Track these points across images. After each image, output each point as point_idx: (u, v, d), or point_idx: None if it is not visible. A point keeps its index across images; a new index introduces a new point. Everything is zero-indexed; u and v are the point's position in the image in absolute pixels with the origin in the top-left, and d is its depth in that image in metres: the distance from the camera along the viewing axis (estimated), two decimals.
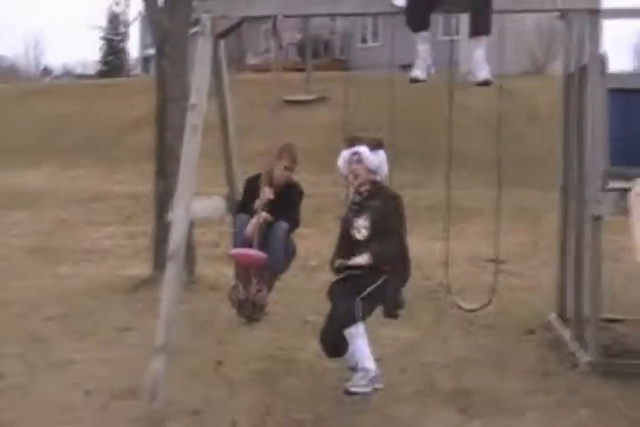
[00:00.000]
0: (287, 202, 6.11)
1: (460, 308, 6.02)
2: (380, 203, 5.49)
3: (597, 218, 6.24)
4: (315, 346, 6.58)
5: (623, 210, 6.07)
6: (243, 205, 6.22)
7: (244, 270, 5.81)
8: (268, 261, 5.69)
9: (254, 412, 5.20)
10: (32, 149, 21.94)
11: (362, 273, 5.34)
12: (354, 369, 5.27)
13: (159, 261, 8.55)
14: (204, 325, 7.35)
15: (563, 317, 7.48)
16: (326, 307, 5.37)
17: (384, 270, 5.37)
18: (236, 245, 5.99)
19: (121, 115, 24.59)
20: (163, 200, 8.80)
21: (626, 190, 6.09)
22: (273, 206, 5.94)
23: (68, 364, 6.18)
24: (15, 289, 8.75)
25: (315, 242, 6.24)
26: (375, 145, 5.65)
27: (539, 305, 8.27)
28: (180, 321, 6.26)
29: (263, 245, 5.78)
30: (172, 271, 5.63)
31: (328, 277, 5.80)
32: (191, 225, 7.62)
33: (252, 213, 5.95)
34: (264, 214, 5.85)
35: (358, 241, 5.49)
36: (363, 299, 5.21)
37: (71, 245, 11.61)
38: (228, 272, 9.16)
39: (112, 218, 14.20)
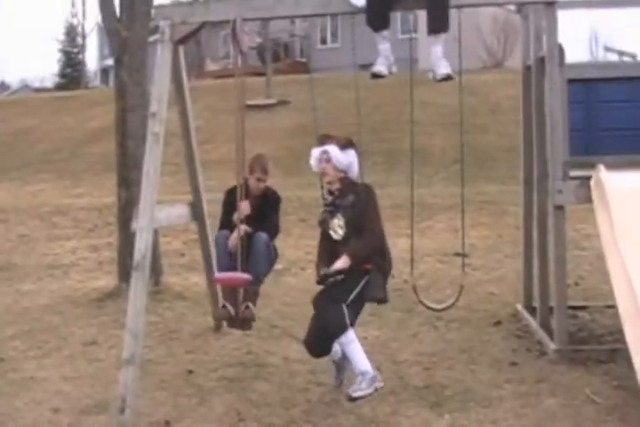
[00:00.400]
0: (265, 211, 6.12)
1: (428, 308, 6.02)
2: (352, 199, 5.43)
3: (559, 207, 6.30)
4: (283, 350, 6.62)
5: (584, 199, 6.15)
6: (223, 221, 6.21)
7: (231, 290, 5.84)
8: (252, 275, 5.71)
9: (226, 419, 5.17)
10: None
11: (344, 277, 5.27)
12: (337, 363, 5.51)
13: (124, 273, 8.51)
14: (172, 334, 7.30)
15: (529, 307, 7.55)
16: (293, 311, 5.38)
17: (366, 269, 5.32)
18: (219, 267, 6.00)
19: (80, 127, 24.47)
20: (126, 210, 8.75)
21: (587, 179, 6.17)
22: (252, 217, 5.95)
23: (34, 382, 6.07)
24: None
25: (279, 245, 6.21)
26: (345, 144, 5.61)
27: (505, 297, 8.34)
28: (147, 332, 6.23)
29: (245, 258, 5.80)
30: (138, 281, 5.58)
31: (294, 280, 5.80)
32: (156, 234, 7.61)
33: (231, 227, 5.96)
34: (244, 227, 5.85)
35: (337, 241, 5.45)
36: (348, 305, 5.20)
37: (34, 261, 11.49)
38: (196, 281, 9.19)
39: (74, 231, 14.08)
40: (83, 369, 6.37)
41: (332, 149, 5.50)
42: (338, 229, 5.44)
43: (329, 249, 5.52)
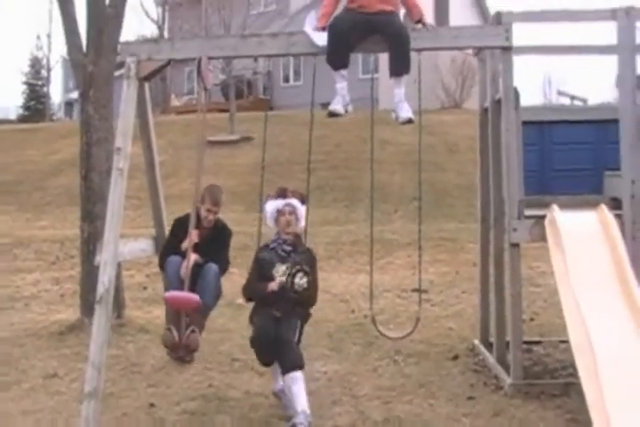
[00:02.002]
0: (216, 243, 6.14)
1: (385, 337, 6.12)
2: (305, 258, 5.86)
3: (515, 245, 6.42)
4: (244, 383, 6.60)
5: (539, 237, 6.27)
6: (170, 246, 6.19)
7: (176, 314, 5.79)
8: (200, 300, 5.69)
9: None
10: None
11: (284, 316, 5.67)
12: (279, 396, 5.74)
13: (86, 305, 8.45)
14: (134, 367, 7.24)
15: (486, 342, 7.60)
16: None
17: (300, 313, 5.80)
18: (168, 289, 5.96)
19: (43, 160, 24.31)
20: (89, 244, 8.73)
21: (541, 218, 6.29)
22: (202, 248, 5.95)
23: None
24: None
25: (240, 280, 6.23)
26: (302, 199, 6.00)
27: (463, 332, 8.40)
28: (109, 365, 6.19)
29: (193, 287, 5.78)
30: (100, 314, 5.58)
31: None
32: (119, 267, 7.58)
33: (182, 254, 5.95)
34: (194, 256, 5.86)
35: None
36: (299, 342, 5.64)
37: None
38: (158, 314, 9.13)
39: (36, 264, 13.94)
40: (43, 402, 6.27)
41: (295, 203, 5.93)
42: (282, 275, 5.74)
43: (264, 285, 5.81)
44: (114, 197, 5.86)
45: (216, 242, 6.15)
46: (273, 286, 5.68)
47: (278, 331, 5.54)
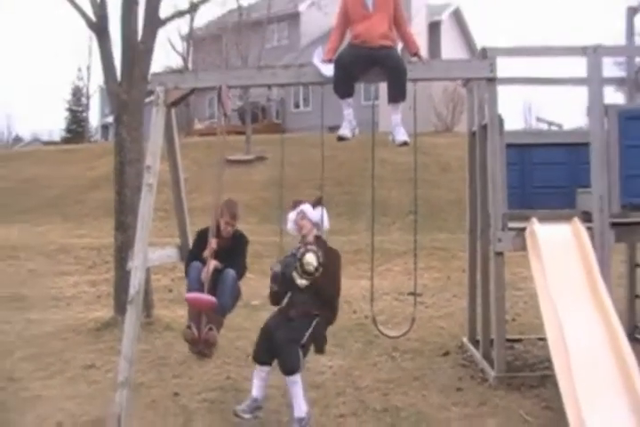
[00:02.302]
0: (234, 251, 6.14)
1: (384, 335, 6.11)
2: (322, 255, 5.54)
3: (499, 254, 6.43)
4: None
5: (520, 246, 6.28)
6: (193, 255, 6.22)
7: (197, 313, 5.79)
8: (218, 304, 5.70)
9: None
10: (5, 207, 21.59)
11: (298, 317, 5.42)
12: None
13: (119, 306, 8.49)
14: (161, 361, 7.27)
15: (473, 340, 7.60)
16: None
17: (314, 314, 5.47)
18: (190, 290, 5.98)
19: (83, 176, 24.39)
20: (122, 251, 8.76)
21: (522, 230, 6.31)
22: (222, 255, 5.96)
23: (40, 399, 6.06)
24: None
25: (255, 284, 6.25)
26: (315, 203, 5.89)
27: (453, 331, 8.40)
28: (139, 358, 6.21)
29: (213, 290, 5.80)
30: (132, 314, 5.60)
31: (268, 315, 5.82)
32: (148, 272, 7.61)
33: (204, 261, 5.97)
34: (214, 262, 5.88)
35: (300, 288, 5.53)
36: (303, 346, 5.31)
37: (41, 293, 11.41)
38: (182, 313, 9.14)
39: (76, 268, 14.00)
40: (83, 390, 6.35)
41: (306, 208, 5.80)
42: (309, 265, 5.44)
43: (287, 291, 5.63)
44: (143, 209, 5.88)
45: (234, 250, 6.16)
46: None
47: (284, 331, 5.33)
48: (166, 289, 11.33)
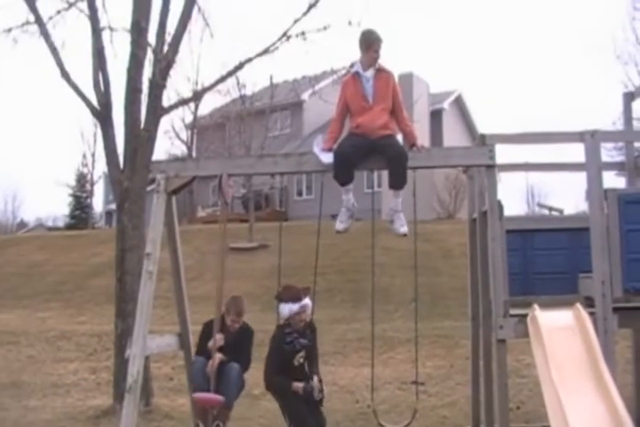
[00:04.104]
0: (241, 345, 6.16)
1: None
2: (309, 335, 6.15)
3: (501, 341, 6.36)
4: None
5: (522, 333, 6.22)
6: (200, 348, 6.22)
7: (203, 410, 5.79)
8: (224, 399, 5.69)
9: None
10: (6, 292, 21.58)
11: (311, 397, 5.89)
12: None
13: (118, 394, 8.38)
14: None
15: None
16: None
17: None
18: (195, 386, 5.97)
19: (86, 262, 24.44)
20: (122, 338, 8.71)
21: (524, 316, 6.28)
22: (228, 348, 5.98)
23: None
24: None
25: (258, 373, 6.18)
26: (307, 293, 6.24)
27: (457, 420, 8.25)
28: None
29: (219, 382, 5.80)
30: (129, 402, 5.55)
31: (269, 404, 5.79)
32: (147, 360, 7.54)
33: (208, 354, 5.98)
34: (219, 355, 5.88)
35: (296, 367, 5.92)
36: None
37: (40, 380, 11.31)
38: (182, 402, 9.02)
39: (76, 355, 13.89)
40: None
41: (307, 302, 6.18)
42: (300, 359, 6.01)
43: (281, 366, 5.97)
44: (143, 296, 5.90)
45: (240, 343, 6.18)
46: (297, 388, 5.87)
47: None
48: (167, 377, 11.18)
